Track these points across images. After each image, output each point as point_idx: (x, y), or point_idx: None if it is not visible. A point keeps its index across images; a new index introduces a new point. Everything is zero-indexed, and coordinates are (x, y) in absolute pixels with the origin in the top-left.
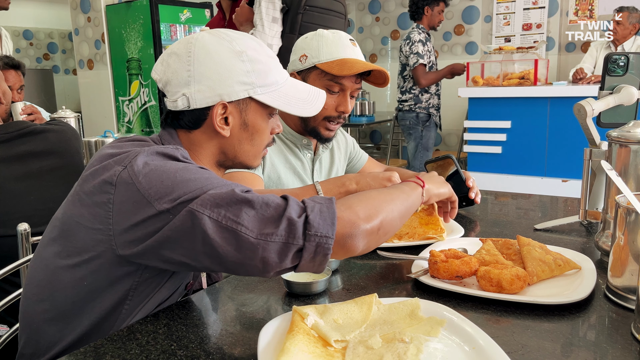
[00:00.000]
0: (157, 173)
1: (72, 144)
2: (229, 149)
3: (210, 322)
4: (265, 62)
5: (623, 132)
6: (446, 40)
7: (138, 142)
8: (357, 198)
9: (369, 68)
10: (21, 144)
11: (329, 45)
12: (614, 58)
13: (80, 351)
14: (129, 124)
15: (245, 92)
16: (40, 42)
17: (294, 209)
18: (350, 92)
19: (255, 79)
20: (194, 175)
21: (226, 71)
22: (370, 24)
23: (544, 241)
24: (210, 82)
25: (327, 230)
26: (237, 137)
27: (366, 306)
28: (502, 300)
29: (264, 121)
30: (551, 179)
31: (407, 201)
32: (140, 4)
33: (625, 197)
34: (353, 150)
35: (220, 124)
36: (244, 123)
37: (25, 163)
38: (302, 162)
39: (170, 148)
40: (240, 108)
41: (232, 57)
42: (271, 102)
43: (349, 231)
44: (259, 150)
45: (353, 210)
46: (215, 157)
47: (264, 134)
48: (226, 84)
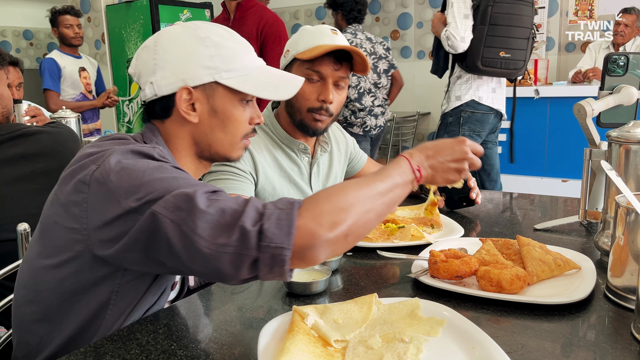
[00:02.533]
0: (128, 171)
1: (68, 146)
2: (201, 137)
3: (211, 322)
4: (232, 47)
5: (623, 132)
6: None
7: (118, 140)
8: (326, 199)
9: (335, 48)
10: (12, 147)
11: (307, 37)
12: (614, 58)
13: (80, 351)
14: (129, 124)
15: (209, 76)
16: (40, 42)
17: (249, 216)
18: (332, 80)
19: (220, 63)
20: (163, 174)
21: (189, 56)
22: (371, 24)
23: (544, 241)
24: (174, 67)
25: (282, 241)
26: (207, 124)
27: (366, 306)
28: (502, 300)
29: (235, 107)
30: (551, 179)
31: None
32: (140, 4)
33: (625, 197)
34: (353, 151)
35: (186, 110)
36: (213, 109)
37: (16, 166)
38: (298, 167)
39: (147, 147)
40: (207, 94)
41: (195, 43)
42: (238, 85)
43: (308, 242)
44: (235, 139)
45: (316, 217)
46: (192, 147)
47: (238, 121)
48: (189, 69)
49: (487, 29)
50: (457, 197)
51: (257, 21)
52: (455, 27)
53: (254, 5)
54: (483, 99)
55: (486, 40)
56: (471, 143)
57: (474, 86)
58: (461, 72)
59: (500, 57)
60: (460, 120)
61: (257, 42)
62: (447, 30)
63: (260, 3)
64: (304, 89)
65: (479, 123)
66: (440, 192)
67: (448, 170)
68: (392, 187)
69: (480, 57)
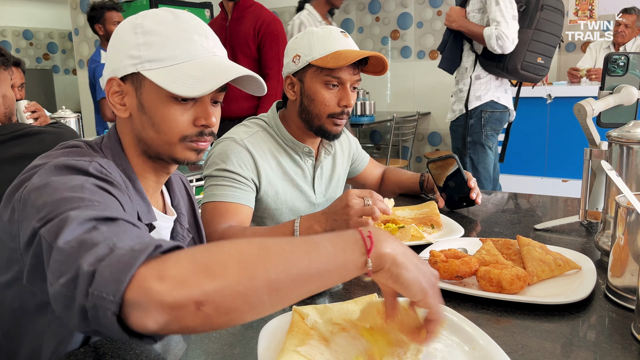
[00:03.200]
0: (45, 189)
1: None
2: (138, 134)
3: None
4: (167, 34)
5: (623, 132)
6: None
7: (68, 149)
8: (204, 249)
9: (364, 55)
10: (15, 146)
11: (320, 41)
12: (614, 58)
13: (80, 351)
14: None
15: (133, 66)
16: (40, 42)
17: (94, 254)
18: (350, 84)
19: (144, 52)
20: (74, 194)
21: (119, 44)
22: (370, 24)
23: (544, 241)
24: (108, 58)
25: (107, 290)
26: (138, 120)
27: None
28: (502, 300)
29: (163, 104)
30: (551, 179)
31: (311, 265)
32: (140, 4)
33: (625, 197)
34: (356, 152)
35: (113, 102)
36: (141, 104)
37: (18, 166)
38: (302, 170)
39: (83, 160)
40: (135, 86)
41: (128, 30)
42: (155, 78)
43: (136, 298)
44: (171, 139)
45: (166, 268)
46: (136, 145)
47: (169, 120)
48: (117, 58)
49: (533, 34)
50: (458, 197)
51: (255, 20)
52: (507, 27)
53: (251, 5)
54: (501, 99)
55: (530, 44)
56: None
57: (493, 86)
58: (481, 71)
59: (537, 62)
60: (482, 120)
61: (255, 42)
62: (497, 28)
63: (257, 2)
64: (323, 95)
65: (499, 122)
66: (441, 192)
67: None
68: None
69: (522, 61)
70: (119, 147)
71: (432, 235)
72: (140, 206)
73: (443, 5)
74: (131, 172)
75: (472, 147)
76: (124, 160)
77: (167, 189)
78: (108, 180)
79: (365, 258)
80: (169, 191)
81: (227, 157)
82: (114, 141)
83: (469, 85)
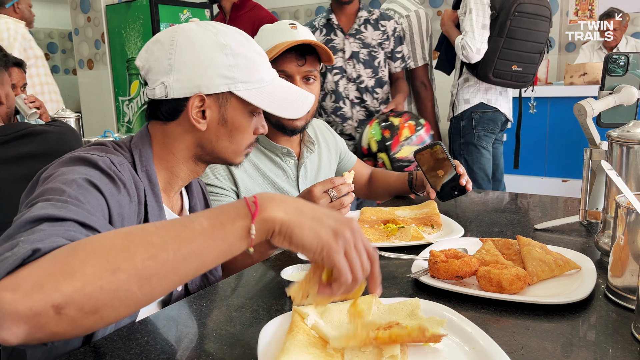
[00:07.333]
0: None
1: (73, 145)
2: (206, 143)
3: (211, 322)
4: (251, 58)
5: (623, 132)
6: None
7: (95, 145)
8: (70, 247)
9: (291, 44)
10: (19, 146)
11: (267, 36)
12: (614, 58)
13: (80, 351)
14: (128, 124)
15: (225, 86)
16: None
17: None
18: (299, 76)
19: (237, 73)
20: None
21: (207, 62)
22: None
23: (544, 241)
24: (190, 73)
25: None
26: (214, 132)
27: (366, 306)
28: (502, 300)
29: (244, 119)
30: (551, 179)
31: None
32: (140, 4)
33: (625, 197)
34: (343, 151)
35: (196, 117)
36: (223, 119)
37: (23, 165)
38: (284, 171)
39: (96, 155)
40: (219, 102)
41: (216, 49)
42: (254, 100)
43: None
44: (240, 148)
45: (21, 274)
46: (192, 150)
47: (245, 132)
48: (206, 76)
49: (504, 42)
50: (449, 187)
51: (252, 21)
52: (472, 38)
53: (249, 5)
54: (492, 102)
55: (501, 52)
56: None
57: (482, 89)
58: (469, 75)
59: (512, 70)
60: (473, 122)
61: None
62: (463, 38)
63: (256, 3)
64: None
65: (492, 122)
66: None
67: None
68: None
69: (492, 69)
70: (149, 149)
71: (432, 235)
72: (152, 209)
73: (443, 5)
74: (153, 176)
75: (465, 149)
76: (149, 163)
77: (186, 192)
78: (111, 176)
79: (247, 224)
80: (188, 193)
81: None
82: (145, 142)
83: (457, 88)
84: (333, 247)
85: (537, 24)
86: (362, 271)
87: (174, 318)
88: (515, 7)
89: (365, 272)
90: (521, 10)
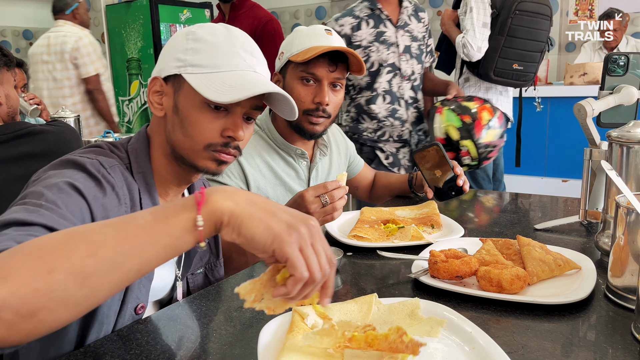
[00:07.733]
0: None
1: (72, 145)
2: (168, 135)
3: (211, 321)
4: (214, 43)
5: (623, 132)
6: None
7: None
8: (11, 250)
9: (328, 49)
10: (19, 145)
11: (301, 38)
12: (614, 58)
13: (80, 351)
14: (128, 124)
15: (176, 68)
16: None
17: None
18: (328, 82)
19: (190, 56)
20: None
21: (170, 47)
22: None
23: (544, 241)
24: (159, 59)
25: None
26: (170, 121)
27: (366, 306)
28: (502, 300)
29: (195, 109)
30: (551, 179)
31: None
32: (140, 4)
33: (625, 197)
34: (352, 155)
35: (152, 99)
36: (176, 105)
37: (22, 165)
38: (296, 172)
39: (86, 157)
40: (174, 88)
41: (182, 35)
42: (193, 82)
43: None
44: (195, 145)
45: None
46: (165, 145)
47: (198, 125)
48: (165, 60)
49: (505, 40)
50: (447, 188)
51: (251, 21)
52: (473, 36)
53: (247, 5)
54: (492, 101)
55: (502, 51)
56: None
57: (483, 89)
58: (469, 74)
59: (513, 69)
60: None
61: None
62: (464, 37)
63: (254, 2)
64: (299, 91)
65: None
66: (428, 184)
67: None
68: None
69: (493, 68)
70: (145, 149)
71: (432, 235)
72: None
73: (443, 5)
74: (150, 177)
75: None
76: (146, 164)
77: (188, 193)
78: (97, 179)
79: (192, 216)
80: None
81: None
82: (142, 143)
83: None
84: (285, 240)
85: (538, 23)
86: (321, 271)
87: (174, 318)
88: (516, 6)
89: (324, 273)
90: (522, 8)
